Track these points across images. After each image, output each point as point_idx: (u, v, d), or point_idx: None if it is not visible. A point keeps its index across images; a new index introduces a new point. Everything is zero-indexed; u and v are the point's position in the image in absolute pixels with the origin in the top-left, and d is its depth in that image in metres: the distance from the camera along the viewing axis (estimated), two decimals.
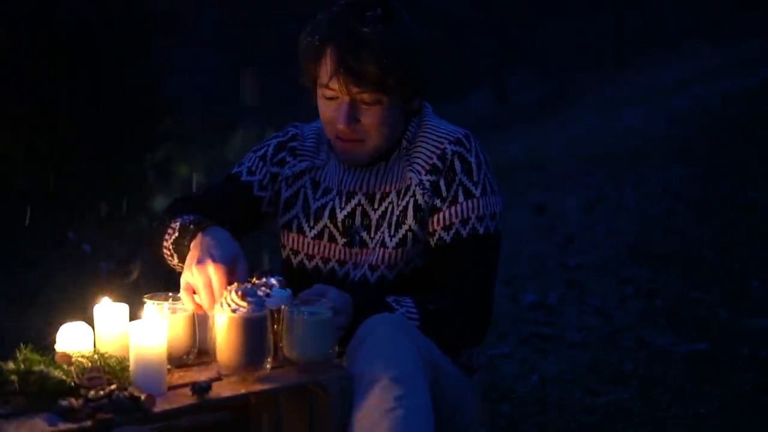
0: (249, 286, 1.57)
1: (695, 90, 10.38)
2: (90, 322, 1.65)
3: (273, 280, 1.62)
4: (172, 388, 1.51)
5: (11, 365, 1.47)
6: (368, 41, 1.71)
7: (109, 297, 1.69)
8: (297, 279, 1.87)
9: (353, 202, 1.88)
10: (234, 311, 1.53)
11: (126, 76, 7.52)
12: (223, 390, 1.51)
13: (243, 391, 1.52)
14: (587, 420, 2.89)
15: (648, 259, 4.84)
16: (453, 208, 1.81)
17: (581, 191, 6.92)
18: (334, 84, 1.74)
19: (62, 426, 1.34)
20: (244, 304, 1.53)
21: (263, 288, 1.59)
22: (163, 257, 1.81)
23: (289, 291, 1.63)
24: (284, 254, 1.98)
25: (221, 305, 1.56)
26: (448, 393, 1.72)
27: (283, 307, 1.60)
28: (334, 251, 1.90)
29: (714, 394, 2.99)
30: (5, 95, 6.60)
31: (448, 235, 1.81)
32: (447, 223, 1.81)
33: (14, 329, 3.71)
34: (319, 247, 1.91)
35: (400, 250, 1.84)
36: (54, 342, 1.60)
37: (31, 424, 1.35)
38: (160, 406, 1.42)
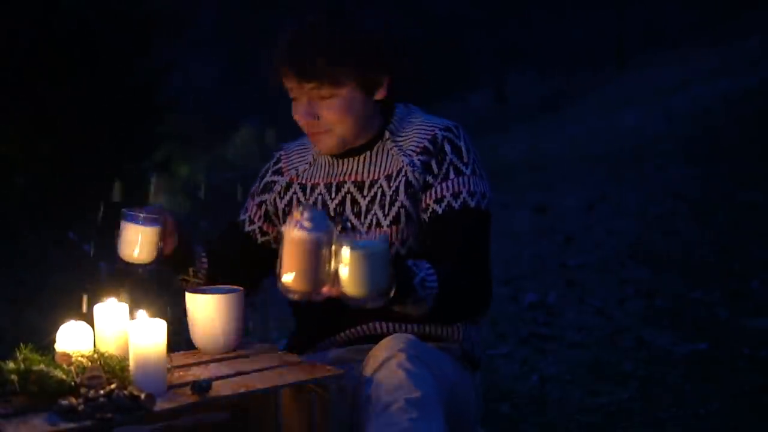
0: (318, 208, 1.58)
1: (695, 90, 10.38)
2: (90, 322, 1.65)
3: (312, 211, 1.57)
4: (172, 387, 1.51)
5: (11, 365, 1.47)
6: (313, 39, 1.78)
7: (114, 296, 1.70)
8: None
9: (342, 190, 1.91)
10: (304, 230, 1.51)
11: (126, 76, 7.52)
12: (223, 389, 1.51)
13: (243, 390, 1.52)
14: (587, 420, 2.89)
15: (648, 259, 4.84)
16: (444, 184, 1.84)
17: (581, 191, 6.91)
18: (289, 84, 1.82)
19: (62, 426, 1.34)
20: (308, 224, 1.52)
21: (306, 214, 1.55)
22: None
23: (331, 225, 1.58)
24: None
25: (290, 225, 1.54)
26: (454, 403, 1.73)
27: (338, 239, 1.54)
28: None
29: (714, 394, 2.99)
30: (5, 95, 6.60)
31: (440, 207, 1.83)
32: (439, 196, 1.83)
33: (14, 329, 3.71)
34: None
35: (394, 227, 1.85)
36: (54, 342, 1.60)
37: (31, 424, 1.35)
38: (160, 406, 1.42)
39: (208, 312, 1.73)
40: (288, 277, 1.53)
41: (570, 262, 4.96)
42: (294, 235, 1.52)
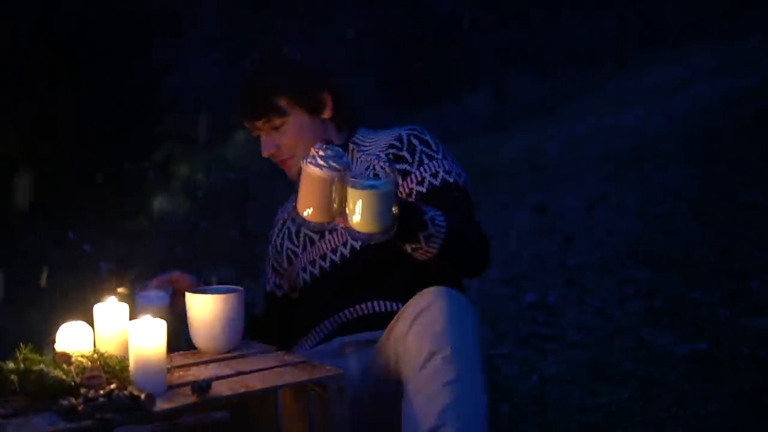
0: (334, 146, 1.68)
1: (695, 90, 10.38)
2: (90, 322, 1.65)
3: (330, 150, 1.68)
4: (172, 387, 1.51)
5: (11, 365, 1.47)
6: (251, 84, 2.03)
7: (109, 296, 1.70)
8: (318, 289, 2.00)
9: None
10: (318, 167, 1.62)
11: (126, 76, 7.53)
12: (223, 389, 1.51)
13: (243, 390, 1.52)
14: (587, 420, 2.89)
15: (648, 259, 4.83)
16: (422, 168, 1.95)
17: (581, 191, 6.92)
18: (248, 126, 2.04)
19: (62, 426, 1.34)
20: (322, 162, 1.63)
21: (321, 152, 1.66)
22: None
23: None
24: (300, 282, 2.08)
25: (308, 160, 1.65)
26: None
27: (349, 178, 1.64)
28: (322, 246, 2.01)
29: (714, 394, 2.99)
30: (5, 95, 6.60)
31: (423, 187, 1.93)
32: (419, 179, 1.94)
33: (14, 329, 3.71)
34: (313, 253, 2.03)
35: None
36: (54, 342, 1.60)
37: (31, 424, 1.35)
38: (159, 406, 1.42)
39: (208, 312, 1.73)
40: (306, 211, 1.66)
41: (570, 262, 4.96)
42: (309, 170, 1.64)
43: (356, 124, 2.10)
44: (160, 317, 1.78)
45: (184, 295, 1.87)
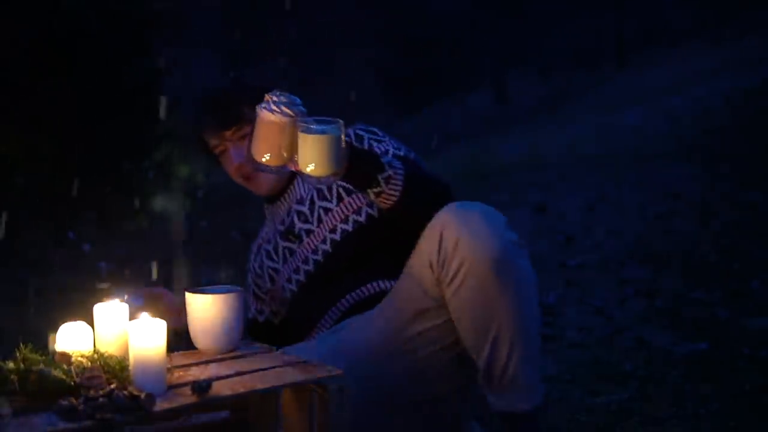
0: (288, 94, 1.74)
1: (695, 90, 10.38)
2: (90, 322, 1.65)
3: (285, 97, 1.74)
4: (172, 387, 1.51)
5: (11, 365, 1.47)
6: (217, 97, 2.14)
7: (110, 296, 1.71)
8: (308, 293, 2.04)
9: (291, 214, 2.11)
10: (270, 113, 1.69)
11: (126, 76, 7.53)
12: (223, 389, 1.51)
13: (243, 390, 1.52)
14: (587, 420, 2.89)
15: (648, 259, 4.83)
16: (372, 150, 2.01)
17: (581, 191, 6.92)
18: (215, 140, 2.10)
19: (62, 426, 1.34)
20: (284, 109, 1.70)
21: (274, 98, 1.72)
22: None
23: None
24: (287, 295, 2.11)
25: (262, 106, 1.72)
26: None
27: (298, 123, 1.70)
28: (303, 252, 2.06)
29: (714, 394, 2.99)
30: (5, 95, 6.60)
31: None
32: None
33: (14, 329, 3.71)
34: (295, 261, 2.07)
35: (341, 204, 2.03)
36: (54, 342, 1.60)
37: (31, 424, 1.35)
38: (159, 406, 1.42)
39: (208, 312, 1.73)
40: (264, 156, 1.72)
41: (570, 262, 4.95)
42: (263, 115, 1.71)
43: None
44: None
45: (152, 308, 1.89)
